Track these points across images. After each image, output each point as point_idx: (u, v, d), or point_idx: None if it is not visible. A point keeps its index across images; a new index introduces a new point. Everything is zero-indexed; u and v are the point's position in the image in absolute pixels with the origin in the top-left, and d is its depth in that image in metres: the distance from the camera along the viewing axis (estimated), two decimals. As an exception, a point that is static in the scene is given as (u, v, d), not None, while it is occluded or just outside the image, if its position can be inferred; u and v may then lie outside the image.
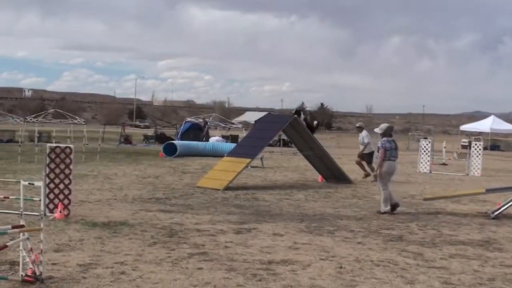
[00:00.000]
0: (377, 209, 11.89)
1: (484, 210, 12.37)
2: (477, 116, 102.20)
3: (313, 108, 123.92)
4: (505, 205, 11.71)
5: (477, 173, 22.52)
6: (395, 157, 12.04)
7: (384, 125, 12.41)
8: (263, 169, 21.20)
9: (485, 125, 47.52)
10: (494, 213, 11.65)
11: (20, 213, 6.72)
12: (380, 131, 12.28)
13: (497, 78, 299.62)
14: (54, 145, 10.31)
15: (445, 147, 28.91)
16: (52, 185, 9.89)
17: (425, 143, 23.96)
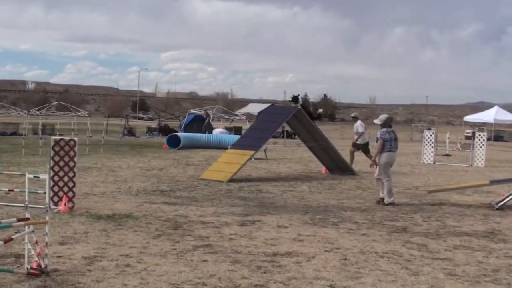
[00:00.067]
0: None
1: (488, 201, 12.36)
2: (480, 107, 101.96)
3: (316, 99, 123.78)
4: (509, 196, 11.69)
5: (480, 164, 22.49)
6: (395, 147, 12.03)
7: (383, 116, 12.38)
8: (266, 161, 21.21)
9: (488, 115, 47.29)
10: (498, 204, 11.64)
11: (25, 206, 6.74)
12: (379, 122, 12.23)
13: (500, 68, 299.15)
14: (58, 137, 10.32)
15: (448, 138, 28.87)
16: (56, 178, 9.90)
17: (428, 134, 23.94)
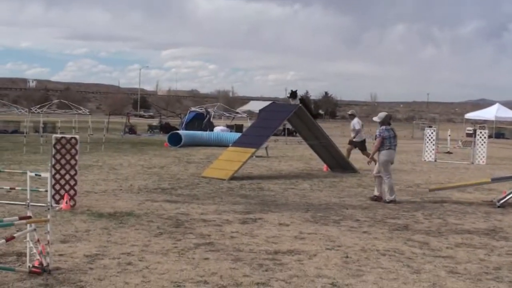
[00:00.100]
0: (382, 198, 11.90)
1: (489, 199, 12.36)
2: (481, 104, 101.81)
3: (317, 97, 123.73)
4: (510, 193, 11.69)
5: (482, 161, 22.48)
6: (395, 145, 12.04)
7: (382, 114, 12.40)
8: (268, 159, 21.21)
9: (490, 113, 47.32)
10: (499, 201, 11.63)
11: (26, 204, 6.74)
12: (378, 119, 12.24)
13: (501, 66, 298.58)
14: (59, 135, 10.31)
15: (449, 135, 28.86)
16: (58, 176, 9.91)
17: (429, 132, 23.92)
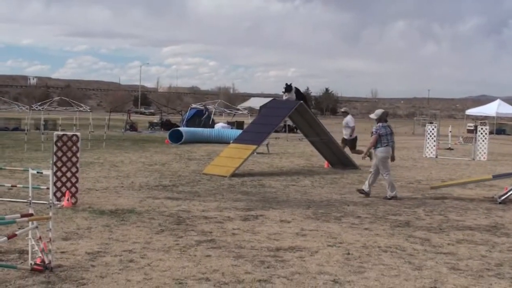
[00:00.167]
0: (383, 194, 11.91)
1: (491, 195, 12.36)
2: (482, 100, 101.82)
3: (318, 93, 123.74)
4: (512, 189, 11.69)
5: (483, 157, 22.47)
6: (392, 142, 12.07)
7: (379, 111, 12.43)
8: (269, 155, 21.21)
9: (490, 109, 47.18)
10: (501, 197, 11.63)
11: (28, 201, 6.74)
12: (375, 116, 12.27)
13: (502, 62, 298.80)
14: (61, 133, 10.30)
15: (450, 131, 28.84)
16: (59, 173, 9.90)
17: (430, 128, 23.90)
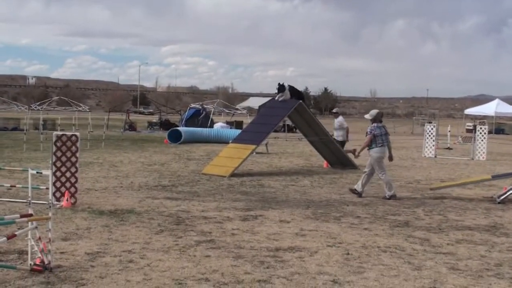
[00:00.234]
0: (382, 194, 11.91)
1: (490, 195, 12.37)
2: (481, 100, 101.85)
3: (317, 93, 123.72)
4: (511, 189, 11.68)
5: (482, 157, 22.48)
6: (387, 142, 12.09)
7: (374, 111, 12.47)
8: (268, 155, 21.21)
9: (489, 108, 47.22)
10: (500, 197, 11.64)
11: (28, 202, 6.74)
12: (370, 117, 12.31)
13: (501, 61, 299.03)
14: (60, 133, 10.29)
15: (449, 131, 28.85)
16: (58, 173, 9.89)
17: (429, 128, 23.91)
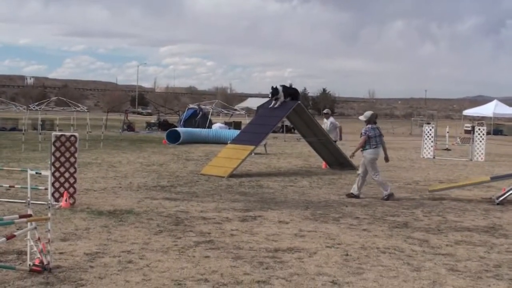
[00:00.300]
0: (381, 195, 11.91)
1: (488, 196, 12.37)
2: (479, 101, 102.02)
3: (315, 94, 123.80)
4: (509, 190, 11.69)
5: (480, 158, 22.49)
6: (381, 143, 12.11)
7: (368, 113, 12.49)
8: (266, 156, 21.20)
9: (488, 109, 47.34)
10: (498, 198, 11.64)
11: (27, 202, 6.73)
12: (364, 118, 12.32)
13: (500, 62, 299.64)
14: (59, 133, 10.28)
15: (448, 132, 28.86)
16: (57, 174, 9.87)
17: (428, 128, 23.92)
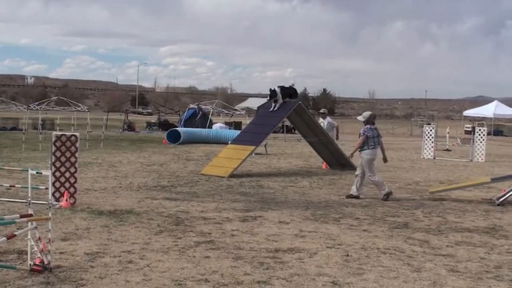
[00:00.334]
0: (381, 196, 11.90)
1: (489, 197, 12.37)
2: (480, 101, 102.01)
3: (315, 94, 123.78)
4: (510, 191, 11.69)
5: (481, 158, 22.49)
6: (379, 144, 12.14)
7: (367, 113, 12.52)
8: (267, 156, 21.20)
9: (488, 110, 47.33)
10: (499, 199, 11.64)
11: (27, 202, 6.73)
12: (363, 118, 12.35)
13: (500, 63, 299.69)
14: (59, 133, 10.28)
15: (448, 132, 28.86)
16: (57, 174, 9.88)
17: (428, 129, 23.92)
